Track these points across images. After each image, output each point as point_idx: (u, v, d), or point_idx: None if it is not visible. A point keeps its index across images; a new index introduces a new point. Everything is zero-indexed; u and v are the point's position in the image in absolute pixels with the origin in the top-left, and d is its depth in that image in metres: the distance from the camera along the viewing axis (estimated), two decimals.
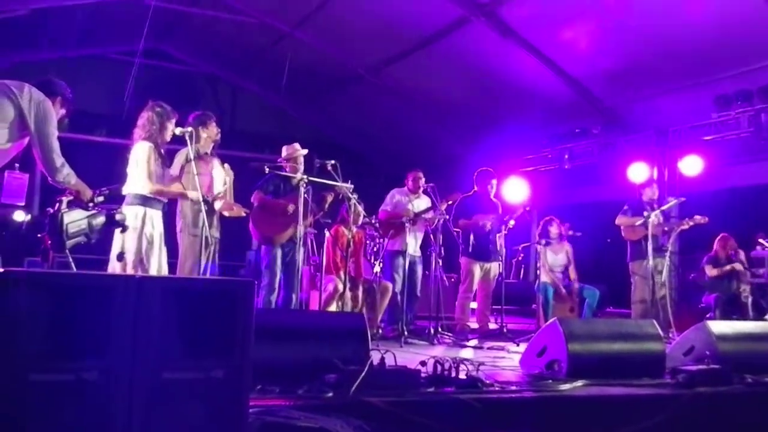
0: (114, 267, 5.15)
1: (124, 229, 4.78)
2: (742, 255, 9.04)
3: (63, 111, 4.60)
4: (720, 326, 5.12)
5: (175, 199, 5.79)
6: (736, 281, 8.79)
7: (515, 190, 12.31)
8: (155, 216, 5.34)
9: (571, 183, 12.64)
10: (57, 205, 4.22)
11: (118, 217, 4.58)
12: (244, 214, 6.41)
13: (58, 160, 4.27)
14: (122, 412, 2.34)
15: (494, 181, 8.25)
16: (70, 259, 4.22)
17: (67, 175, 4.31)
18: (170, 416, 2.42)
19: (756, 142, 9.42)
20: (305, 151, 6.77)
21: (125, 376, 2.36)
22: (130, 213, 5.14)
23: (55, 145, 4.27)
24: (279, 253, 6.56)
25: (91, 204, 4.39)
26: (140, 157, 5.31)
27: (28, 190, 4.75)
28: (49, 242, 4.06)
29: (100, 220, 4.40)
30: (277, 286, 6.51)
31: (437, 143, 13.50)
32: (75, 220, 4.22)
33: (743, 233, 9.72)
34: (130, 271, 5.07)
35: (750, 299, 8.63)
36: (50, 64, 11.66)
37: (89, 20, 11.28)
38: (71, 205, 4.31)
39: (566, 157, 11.59)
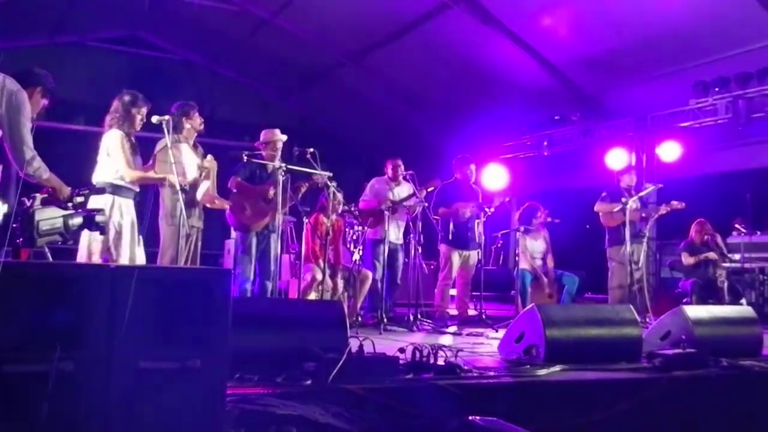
0: (82, 256, 5.12)
1: (103, 231, 4.57)
2: (719, 239, 9.13)
3: (45, 101, 4.47)
4: (696, 311, 5.18)
5: (152, 187, 5.77)
6: (712, 266, 8.89)
7: (495, 177, 12.41)
8: (125, 205, 5.30)
9: (550, 169, 12.70)
10: (30, 201, 4.01)
11: (98, 218, 4.28)
12: (227, 207, 6.39)
13: (29, 152, 4.11)
14: (99, 403, 2.33)
15: (473, 168, 8.26)
16: (46, 249, 4.16)
17: (37, 168, 4.14)
18: (147, 406, 2.42)
19: (733, 129, 9.51)
20: (284, 137, 6.72)
21: (101, 366, 2.35)
22: (99, 201, 5.11)
23: (27, 136, 4.12)
24: (254, 240, 6.54)
25: (69, 204, 4.17)
26: (112, 145, 5.29)
27: (6, 182, 4.60)
28: (20, 239, 3.90)
29: (77, 220, 4.10)
30: (252, 274, 6.49)
31: (418, 130, 13.51)
32: (48, 217, 3.99)
33: (721, 219, 9.82)
34: (97, 260, 5.03)
35: (726, 284, 8.73)
36: (27, 52, 11.54)
37: (66, 8, 11.16)
38: (46, 202, 4.09)
39: (546, 143, 11.64)
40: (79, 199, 4.27)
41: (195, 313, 2.55)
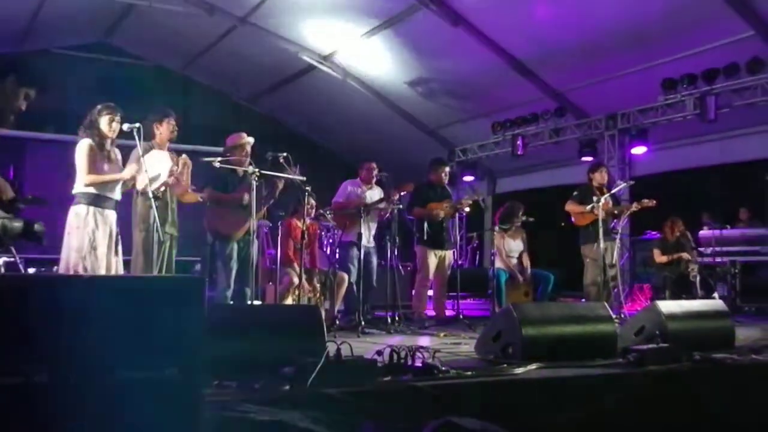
0: (61, 267, 5.09)
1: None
2: (689, 235, 9.26)
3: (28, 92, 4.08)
4: (669, 306, 5.24)
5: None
6: (684, 262, 9.00)
7: (467, 178, 12.48)
8: (102, 215, 5.27)
9: (523, 168, 12.80)
10: None
11: (36, 227, 4.09)
12: (200, 199, 6.33)
13: None
14: (75, 415, 2.32)
15: (447, 169, 8.30)
16: (18, 259, 4.10)
17: None
18: (125, 416, 2.40)
19: (701, 124, 9.65)
20: (251, 140, 6.62)
21: (77, 378, 2.33)
22: (74, 212, 5.11)
23: None
24: (235, 248, 6.49)
25: (12, 207, 3.98)
26: (77, 154, 5.31)
27: None
28: None
29: (17, 225, 3.94)
30: (232, 281, 6.44)
31: (392, 132, 13.52)
32: None
33: (690, 213, 9.96)
34: (71, 270, 5.00)
35: (698, 278, 8.84)
36: None
37: (34, 15, 11.05)
38: None
39: (518, 142, 11.73)
40: (21, 206, 4.09)
41: (170, 322, 2.53)
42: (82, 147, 5.31)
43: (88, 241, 5.12)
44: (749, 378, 4.54)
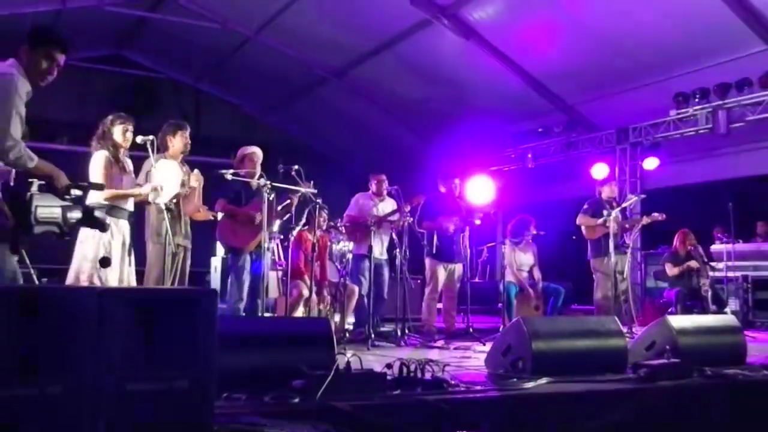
0: (71, 276, 5.11)
1: (104, 228, 4.22)
2: (700, 249, 9.21)
3: (57, 54, 4.03)
4: (680, 321, 5.21)
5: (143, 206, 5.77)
6: (696, 276, 8.95)
7: (480, 191, 12.44)
8: (116, 225, 5.29)
9: (534, 182, 12.78)
10: (28, 186, 3.63)
11: (98, 213, 3.83)
12: (212, 218, 6.36)
13: (9, 140, 3.57)
14: (87, 426, 2.33)
15: (458, 182, 8.29)
16: (32, 271, 4.11)
17: (19, 157, 3.61)
18: (136, 428, 2.42)
19: (714, 139, 9.63)
20: (257, 149, 6.66)
21: (89, 389, 2.35)
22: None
23: (7, 124, 3.58)
24: (247, 260, 6.51)
25: (66, 196, 3.73)
26: (93, 166, 5.32)
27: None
28: (15, 225, 3.56)
29: (76, 214, 3.74)
30: (245, 294, 6.46)
31: (401, 145, 13.56)
32: (47, 205, 3.62)
33: (702, 228, 9.92)
34: (84, 280, 5.01)
35: (710, 293, 8.79)
36: None
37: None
38: (44, 190, 3.68)
39: (529, 156, 11.75)
40: (77, 192, 3.83)
41: (182, 334, 2.55)
42: (98, 159, 5.31)
43: (102, 252, 5.14)
44: (761, 394, 4.51)
